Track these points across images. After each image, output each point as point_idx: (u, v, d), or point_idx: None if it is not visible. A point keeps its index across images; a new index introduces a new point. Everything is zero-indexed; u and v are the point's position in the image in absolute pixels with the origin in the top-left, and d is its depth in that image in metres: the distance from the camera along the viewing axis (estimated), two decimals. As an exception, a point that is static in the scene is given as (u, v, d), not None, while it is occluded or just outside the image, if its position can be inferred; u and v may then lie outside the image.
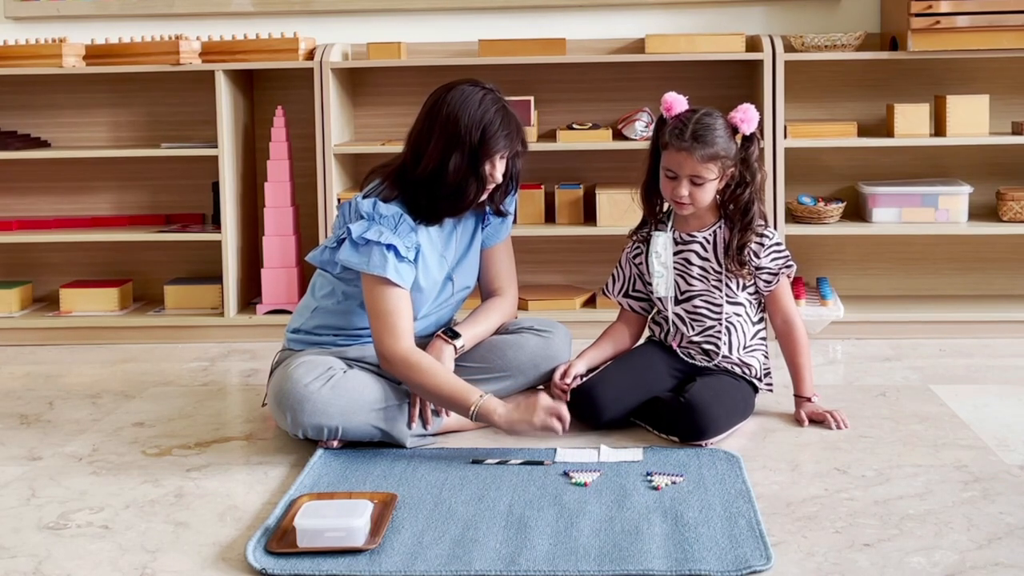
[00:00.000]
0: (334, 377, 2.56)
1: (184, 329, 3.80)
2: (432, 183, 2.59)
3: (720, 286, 2.73)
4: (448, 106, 2.58)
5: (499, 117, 2.58)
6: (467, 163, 2.56)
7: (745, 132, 2.68)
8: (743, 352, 2.76)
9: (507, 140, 2.59)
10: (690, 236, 2.75)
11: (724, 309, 2.73)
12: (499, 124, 2.57)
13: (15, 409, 3.04)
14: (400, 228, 2.58)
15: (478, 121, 2.56)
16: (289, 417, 2.54)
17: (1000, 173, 3.90)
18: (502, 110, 2.60)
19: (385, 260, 2.54)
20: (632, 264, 2.85)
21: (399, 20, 3.99)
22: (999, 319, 3.65)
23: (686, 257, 2.75)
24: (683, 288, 2.75)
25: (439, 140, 2.57)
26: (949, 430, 2.70)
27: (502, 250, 2.87)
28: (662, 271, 2.76)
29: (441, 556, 2.01)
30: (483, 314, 2.81)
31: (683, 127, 2.64)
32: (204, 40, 3.87)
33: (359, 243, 2.56)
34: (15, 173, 4.07)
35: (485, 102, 2.58)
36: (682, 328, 2.76)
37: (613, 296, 2.89)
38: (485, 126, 2.56)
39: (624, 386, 2.71)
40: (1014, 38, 3.56)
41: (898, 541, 2.06)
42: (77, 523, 2.22)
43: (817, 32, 3.83)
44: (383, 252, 2.54)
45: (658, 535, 2.08)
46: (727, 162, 2.66)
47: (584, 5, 3.95)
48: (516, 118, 2.64)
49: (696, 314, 2.75)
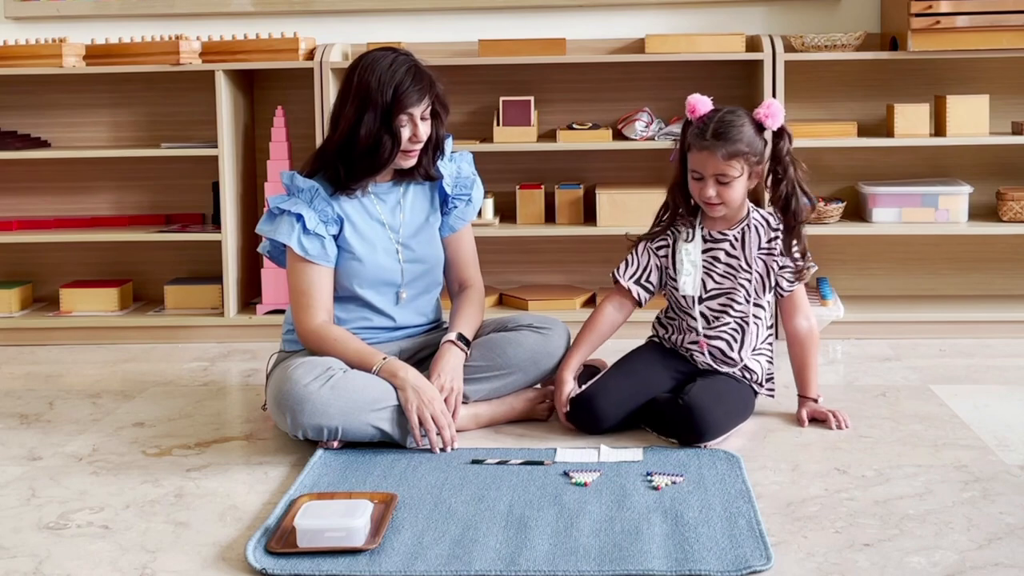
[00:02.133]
0: (334, 377, 2.57)
1: (184, 329, 3.80)
2: (347, 147, 2.65)
3: (746, 285, 2.71)
4: (359, 72, 2.65)
5: (410, 75, 2.64)
6: (380, 122, 2.62)
7: (771, 128, 2.67)
8: (751, 354, 2.75)
9: (419, 94, 2.64)
10: (720, 234, 2.73)
11: (745, 309, 2.72)
12: (410, 81, 2.63)
13: (15, 409, 3.04)
14: (315, 201, 2.67)
15: (389, 80, 2.62)
16: (289, 418, 2.54)
17: (1000, 173, 3.90)
18: (413, 68, 2.66)
19: (292, 230, 2.65)
20: (654, 255, 2.79)
21: (399, 20, 3.99)
22: (999, 319, 3.65)
23: (714, 255, 2.73)
24: (709, 286, 2.73)
25: (352, 106, 2.64)
26: (949, 430, 2.70)
27: (466, 237, 2.91)
28: (691, 269, 2.73)
29: (441, 556, 2.01)
30: (467, 312, 2.84)
31: (705, 127, 2.64)
32: (204, 40, 3.87)
33: (274, 212, 2.68)
34: (15, 173, 4.07)
35: (396, 63, 2.65)
36: (700, 325, 2.75)
37: (623, 280, 2.80)
38: (396, 84, 2.62)
39: (624, 394, 2.69)
40: (1014, 38, 3.56)
41: (898, 541, 2.06)
42: (77, 523, 2.22)
43: (817, 32, 3.83)
44: (292, 222, 2.65)
45: (658, 535, 2.08)
46: (752, 159, 2.64)
47: (584, 5, 3.95)
48: (430, 76, 2.69)
49: (717, 312, 2.73)
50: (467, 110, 3.95)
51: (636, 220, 3.70)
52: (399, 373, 2.60)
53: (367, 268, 2.73)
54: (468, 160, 2.89)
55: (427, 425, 2.56)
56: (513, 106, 3.79)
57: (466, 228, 2.90)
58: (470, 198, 2.87)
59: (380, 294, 2.77)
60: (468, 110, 3.96)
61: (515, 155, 3.91)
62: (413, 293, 2.81)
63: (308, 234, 2.65)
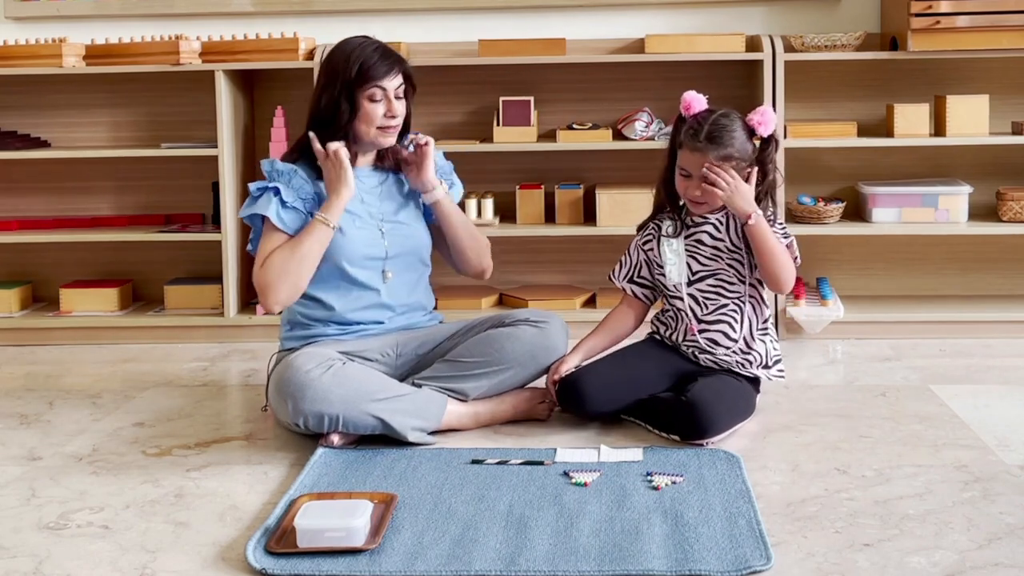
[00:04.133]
0: (334, 366, 2.59)
1: (184, 329, 3.80)
2: (314, 120, 2.76)
3: (736, 265, 2.72)
4: (328, 55, 2.79)
5: (377, 52, 2.74)
6: (340, 91, 2.72)
7: (762, 134, 2.69)
8: (755, 334, 2.75)
9: (387, 67, 2.73)
10: (702, 218, 2.75)
11: (739, 289, 2.73)
12: (377, 56, 2.73)
13: (15, 409, 3.04)
14: (293, 181, 2.73)
15: (356, 57, 2.73)
16: (290, 404, 2.55)
17: (1000, 173, 3.90)
18: (380, 47, 2.76)
19: (269, 202, 2.71)
20: (641, 250, 2.85)
21: (399, 20, 3.99)
22: (999, 319, 3.65)
23: (697, 239, 2.75)
24: (695, 269, 2.75)
25: (321, 84, 2.77)
26: (949, 430, 2.70)
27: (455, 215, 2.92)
28: (673, 258, 2.76)
29: (441, 556, 2.01)
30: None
31: (699, 128, 2.66)
32: (204, 40, 3.87)
33: (255, 195, 2.74)
34: (15, 173, 4.07)
35: (364, 43, 2.76)
36: (696, 310, 2.75)
37: (618, 281, 2.88)
38: (363, 60, 2.73)
39: (612, 379, 2.71)
40: (1014, 38, 3.56)
41: (898, 541, 2.06)
42: (77, 523, 2.22)
43: (817, 32, 3.83)
44: (269, 196, 2.72)
45: (658, 535, 2.08)
46: (742, 163, 2.67)
47: (584, 5, 3.95)
48: (397, 55, 2.78)
49: (710, 294, 2.74)
50: (467, 110, 3.95)
51: (636, 220, 3.68)
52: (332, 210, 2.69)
53: (349, 241, 2.75)
54: (440, 154, 2.94)
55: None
56: (513, 106, 3.79)
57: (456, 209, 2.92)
58: (452, 182, 2.94)
59: (366, 269, 2.78)
60: (468, 110, 3.96)
61: (515, 155, 3.91)
62: (398, 269, 2.82)
63: (285, 207, 2.71)
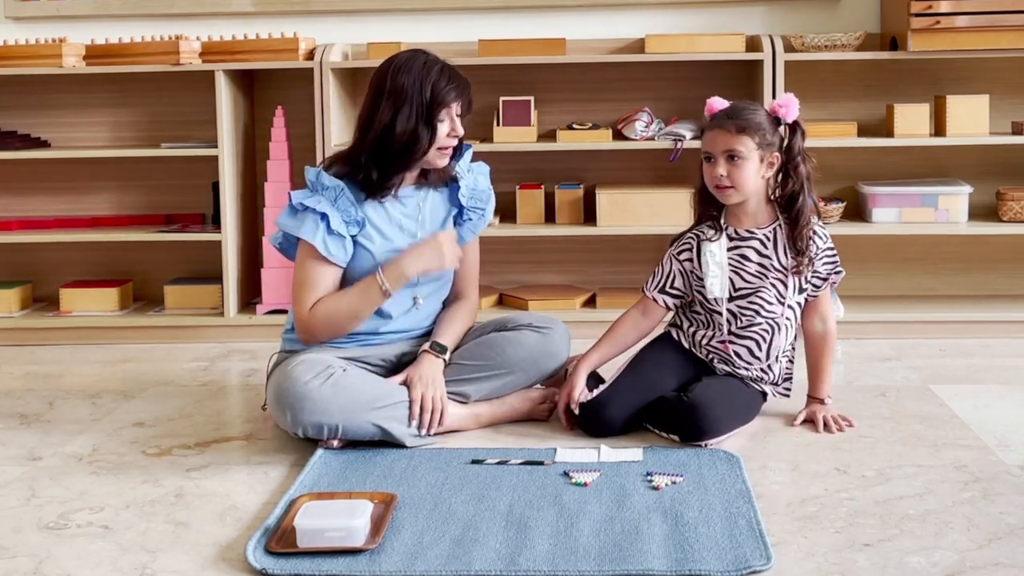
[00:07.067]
0: (334, 375, 2.57)
1: (184, 329, 3.80)
2: (382, 146, 2.66)
3: (778, 285, 2.69)
4: (391, 74, 2.67)
5: (445, 75, 2.68)
6: (416, 118, 2.64)
7: (786, 120, 2.67)
8: (779, 356, 2.73)
9: (457, 91, 2.68)
10: (748, 232, 2.71)
11: (776, 310, 2.69)
12: (447, 80, 2.67)
13: (15, 409, 3.04)
14: (339, 201, 2.66)
15: (425, 79, 2.65)
16: (289, 416, 2.54)
17: (1000, 173, 3.90)
18: (446, 68, 2.70)
19: (316, 228, 2.63)
20: (675, 260, 2.77)
21: (399, 20, 3.99)
22: (999, 319, 3.65)
23: (743, 253, 2.70)
24: (738, 285, 2.70)
25: (387, 107, 2.65)
26: (949, 430, 2.70)
27: (472, 250, 2.90)
28: (717, 271, 2.69)
29: (441, 556, 2.01)
30: (453, 323, 2.82)
31: (719, 113, 2.68)
32: (204, 40, 3.87)
33: (297, 208, 2.66)
34: (15, 173, 4.07)
35: (429, 63, 2.69)
36: (731, 323, 2.71)
37: (649, 292, 2.79)
38: (434, 83, 2.65)
39: (635, 400, 2.68)
40: (1014, 38, 3.56)
41: (898, 541, 2.06)
42: (77, 523, 2.22)
43: (817, 32, 3.83)
44: (316, 220, 2.64)
45: (658, 535, 2.08)
46: (764, 141, 2.63)
47: (584, 5, 3.95)
48: (460, 74, 2.73)
49: (747, 311, 2.70)
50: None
51: (636, 220, 3.71)
52: (400, 268, 2.64)
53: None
54: (485, 173, 2.89)
55: (424, 404, 2.61)
56: (513, 106, 3.79)
57: (474, 242, 2.89)
58: (484, 212, 2.87)
59: (395, 299, 2.72)
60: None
61: (515, 155, 3.91)
62: (429, 295, 2.80)
63: (332, 234, 2.65)
